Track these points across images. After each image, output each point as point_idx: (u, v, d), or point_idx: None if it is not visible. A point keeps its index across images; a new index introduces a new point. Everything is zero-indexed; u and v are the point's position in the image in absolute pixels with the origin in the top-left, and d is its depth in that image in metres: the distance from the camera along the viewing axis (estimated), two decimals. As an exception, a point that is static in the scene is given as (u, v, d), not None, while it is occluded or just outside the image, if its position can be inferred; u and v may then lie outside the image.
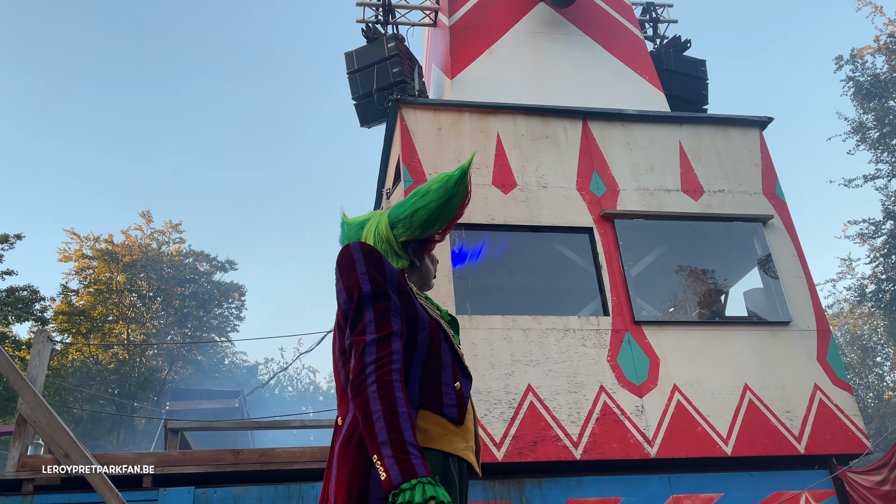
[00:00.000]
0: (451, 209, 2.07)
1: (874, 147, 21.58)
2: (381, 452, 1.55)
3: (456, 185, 2.05)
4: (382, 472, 1.53)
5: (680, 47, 10.74)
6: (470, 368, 6.79)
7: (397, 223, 2.07)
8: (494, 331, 6.61)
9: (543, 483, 6.10)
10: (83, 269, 27.63)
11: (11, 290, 17.25)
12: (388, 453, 1.54)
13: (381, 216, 2.14)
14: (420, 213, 2.04)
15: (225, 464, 6.11)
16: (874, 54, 22.25)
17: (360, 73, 9.54)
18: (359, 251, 1.88)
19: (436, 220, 2.06)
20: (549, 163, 7.70)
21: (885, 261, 19.92)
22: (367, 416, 1.60)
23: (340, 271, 1.87)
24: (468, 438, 1.90)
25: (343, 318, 1.84)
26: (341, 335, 1.90)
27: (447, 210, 2.06)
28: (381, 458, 1.55)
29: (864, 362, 23.69)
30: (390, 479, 1.51)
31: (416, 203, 2.06)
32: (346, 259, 1.88)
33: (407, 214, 2.06)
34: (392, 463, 1.53)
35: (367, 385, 1.64)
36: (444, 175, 2.08)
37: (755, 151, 8.28)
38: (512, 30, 9.75)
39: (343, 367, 1.87)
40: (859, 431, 6.68)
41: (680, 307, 8.31)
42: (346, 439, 1.73)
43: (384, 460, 1.54)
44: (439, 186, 2.06)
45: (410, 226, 2.05)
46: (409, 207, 2.06)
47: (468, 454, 1.88)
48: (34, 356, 6.47)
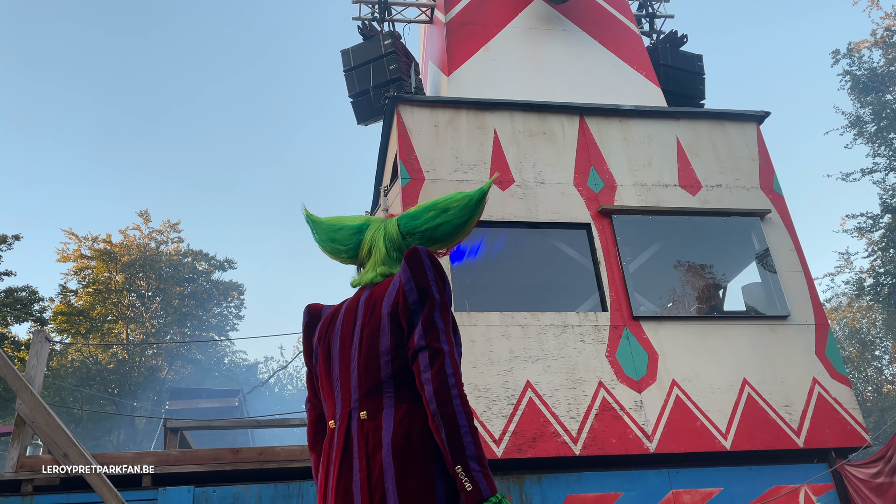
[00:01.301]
0: (470, 227, 2.17)
1: (871, 141, 21.59)
2: (469, 465, 1.68)
3: (477, 206, 2.14)
4: (469, 483, 1.66)
5: (676, 42, 10.72)
6: (469, 365, 6.71)
7: (413, 234, 2.13)
8: (493, 327, 6.61)
9: (543, 479, 6.11)
10: (82, 269, 27.61)
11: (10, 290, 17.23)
12: (475, 467, 1.68)
13: (388, 223, 2.17)
14: (443, 228, 2.12)
15: (224, 462, 6.11)
16: (871, 48, 22.25)
17: (356, 70, 9.52)
18: (427, 257, 1.95)
19: (456, 235, 2.15)
20: (546, 159, 7.69)
21: (883, 254, 19.93)
22: (453, 428, 1.71)
23: (413, 270, 1.92)
24: None
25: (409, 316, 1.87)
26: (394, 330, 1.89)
27: (468, 227, 2.16)
28: (467, 470, 1.67)
29: (863, 356, 23.73)
30: (480, 491, 1.65)
31: (439, 218, 2.12)
32: (417, 260, 1.94)
33: (428, 227, 2.12)
34: (481, 477, 1.67)
35: (453, 397, 1.75)
36: (463, 193, 2.15)
37: (752, 146, 8.27)
38: (508, 26, 9.73)
39: (390, 362, 1.87)
40: (858, 425, 6.69)
41: (678, 302, 8.32)
42: (403, 440, 1.78)
43: (472, 473, 1.67)
44: (463, 205, 2.13)
45: (431, 238, 2.13)
46: (430, 221, 2.12)
47: None
48: (32, 356, 6.46)
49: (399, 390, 1.84)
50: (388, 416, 1.81)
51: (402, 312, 1.89)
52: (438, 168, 7.34)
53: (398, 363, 1.86)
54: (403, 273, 1.93)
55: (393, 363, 1.86)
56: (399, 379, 1.85)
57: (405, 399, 1.83)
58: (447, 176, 7.31)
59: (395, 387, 1.85)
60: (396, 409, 1.82)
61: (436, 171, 7.32)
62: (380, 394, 1.85)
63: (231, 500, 5.84)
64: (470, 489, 1.65)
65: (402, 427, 1.78)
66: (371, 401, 1.86)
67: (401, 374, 1.85)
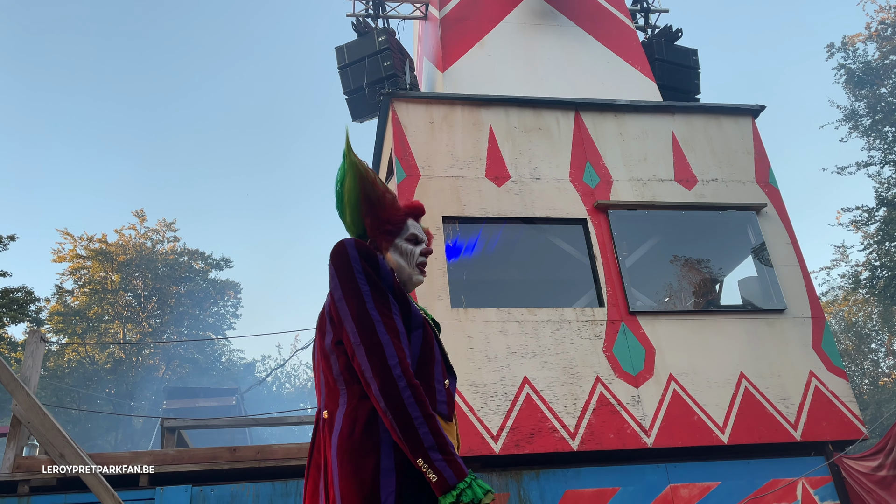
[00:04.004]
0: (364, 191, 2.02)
1: (866, 134, 21.60)
2: (430, 456, 1.63)
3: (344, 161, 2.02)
4: (433, 475, 1.61)
5: (671, 37, 10.71)
6: (467, 361, 6.70)
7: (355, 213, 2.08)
8: (490, 323, 6.60)
9: (541, 474, 6.11)
10: (77, 269, 27.53)
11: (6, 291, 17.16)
12: (437, 456, 1.63)
13: None
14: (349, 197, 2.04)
15: (221, 461, 6.10)
16: (865, 41, 22.26)
17: (351, 67, 9.49)
18: (354, 248, 1.87)
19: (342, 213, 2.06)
20: (542, 154, 7.68)
21: (879, 247, 19.96)
22: (406, 422, 1.65)
23: (336, 266, 1.86)
24: (453, 435, 1.92)
25: (337, 313, 1.83)
26: (333, 328, 1.88)
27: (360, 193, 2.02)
28: (429, 461, 1.62)
29: (859, 349, 23.78)
30: (445, 480, 1.60)
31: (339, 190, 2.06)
32: (340, 255, 1.87)
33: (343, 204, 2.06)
34: (444, 465, 1.62)
35: (401, 390, 1.68)
36: None
37: (748, 140, 8.27)
38: (503, 21, 9.71)
39: (336, 360, 1.85)
40: (855, 418, 6.70)
41: (675, 297, 8.32)
42: (347, 433, 1.73)
43: (434, 463, 1.62)
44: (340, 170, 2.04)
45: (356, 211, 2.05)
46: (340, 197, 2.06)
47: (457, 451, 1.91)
48: (27, 357, 6.44)
49: (349, 386, 1.81)
50: (340, 413, 1.79)
51: (333, 311, 1.86)
52: (434, 164, 7.32)
53: (342, 359, 1.83)
54: (328, 270, 1.89)
55: (339, 360, 1.84)
56: (346, 376, 1.82)
57: (356, 395, 1.79)
58: (443, 172, 7.29)
59: (346, 384, 1.82)
60: (348, 405, 1.79)
61: (431, 167, 7.30)
62: (336, 392, 1.84)
63: (229, 499, 5.83)
64: (435, 480, 1.61)
65: (348, 423, 1.75)
66: (330, 400, 1.85)
67: (346, 370, 1.82)
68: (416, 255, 2.08)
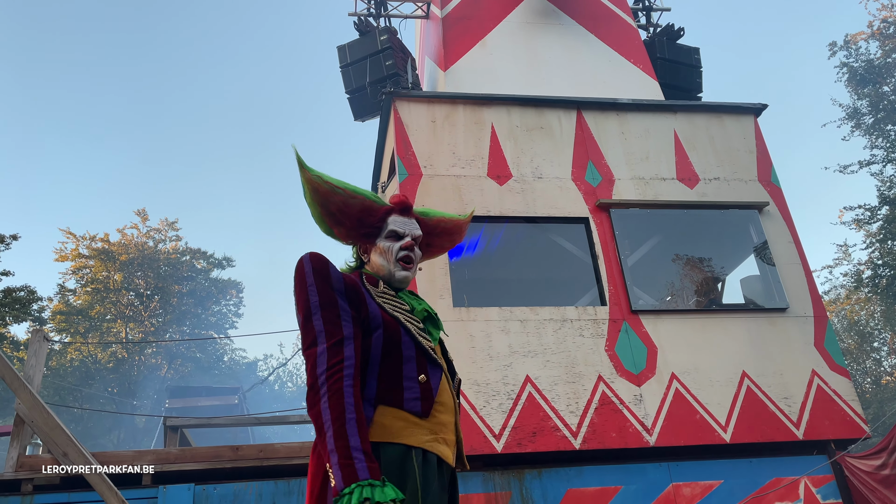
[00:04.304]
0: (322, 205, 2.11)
1: (869, 133, 21.57)
2: (330, 460, 1.64)
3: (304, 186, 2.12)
4: (332, 479, 1.62)
5: (673, 35, 10.70)
6: (469, 360, 6.66)
7: None
8: (492, 322, 6.60)
9: (543, 473, 6.11)
10: (80, 268, 27.58)
11: (8, 290, 17.20)
12: (335, 461, 1.63)
13: None
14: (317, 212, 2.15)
15: (224, 460, 6.11)
16: (868, 40, 22.23)
17: (352, 66, 9.49)
18: (308, 263, 1.94)
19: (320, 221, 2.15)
20: (544, 153, 7.67)
21: (881, 246, 19.92)
22: (320, 428, 1.70)
23: (295, 281, 1.95)
24: (438, 430, 1.91)
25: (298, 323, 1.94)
26: None
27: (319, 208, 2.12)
28: (331, 465, 1.64)
29: (862, 347, 23.74)
30: (336, 484, 1.61)
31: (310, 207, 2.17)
32: (297, 270, 1.95)
33: None
34: (337, 469, 1.62)
35: (320, 397, 1.73)
36: None
37: (750, 139, 8.26)
38: (505, 20, 9.70)
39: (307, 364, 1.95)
40: (857, 416, 6.69)
41: (677, 296, 8.32)
42: (314, 444, 1.81)
43: (332, 468, 1.63)
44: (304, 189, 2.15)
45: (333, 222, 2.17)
46: None
47: (436, 446, 1.89)
48: (30, 356, 6.45)
49: None
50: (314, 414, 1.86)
51: None
52: (436, 163, 7.32)
53: None
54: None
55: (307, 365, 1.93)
56: None
57: None
58: (444, 171, 7.29)
59: None
60: None
61: (433, 166, 7.30)
62: None
63: (231, 498, 5.84)
64: (332, 485, 1.62)
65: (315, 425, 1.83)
66: None
67: None
68: (396, 251, 2.11)
